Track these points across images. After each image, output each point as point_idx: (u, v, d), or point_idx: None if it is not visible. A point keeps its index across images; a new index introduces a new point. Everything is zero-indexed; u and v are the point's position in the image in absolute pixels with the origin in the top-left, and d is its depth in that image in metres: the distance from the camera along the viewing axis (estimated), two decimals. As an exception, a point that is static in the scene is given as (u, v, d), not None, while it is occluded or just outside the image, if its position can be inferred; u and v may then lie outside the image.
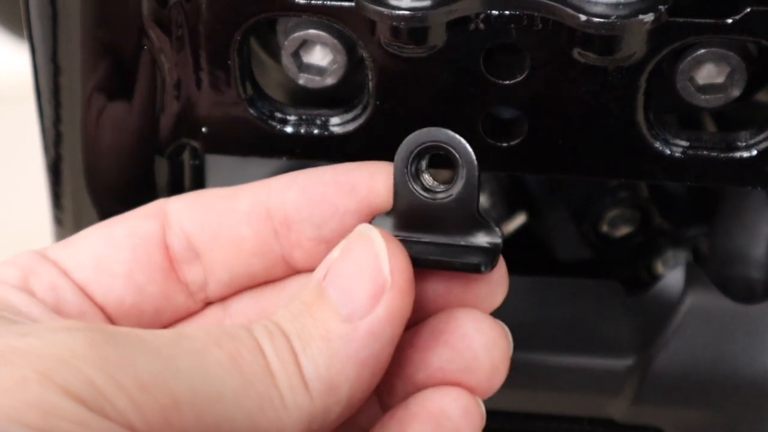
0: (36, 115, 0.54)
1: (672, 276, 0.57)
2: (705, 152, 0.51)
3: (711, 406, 0.56)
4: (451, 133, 0.47)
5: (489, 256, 0.47)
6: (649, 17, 0.46)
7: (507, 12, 0.48)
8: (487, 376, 0.46)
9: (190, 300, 0.50)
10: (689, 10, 0.47)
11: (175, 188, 0.56)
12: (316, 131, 0.53)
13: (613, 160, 0.51)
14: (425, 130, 0.47)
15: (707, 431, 0.57)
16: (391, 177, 0.48)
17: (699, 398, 0.56)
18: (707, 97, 0.50)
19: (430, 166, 0.48)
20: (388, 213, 0.48)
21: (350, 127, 0.52)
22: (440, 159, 0.47)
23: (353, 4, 0.48)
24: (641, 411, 0.57)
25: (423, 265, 0.47)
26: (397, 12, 0.47)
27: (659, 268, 0.68)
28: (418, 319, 0.48)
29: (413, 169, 0.48)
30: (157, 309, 0.50)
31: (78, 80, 0.52)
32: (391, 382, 0.48)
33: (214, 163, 0.63)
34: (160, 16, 0.51)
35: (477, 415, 0.46)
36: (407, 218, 0.48)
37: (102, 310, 0.49)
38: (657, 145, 0.51)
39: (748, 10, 0.47)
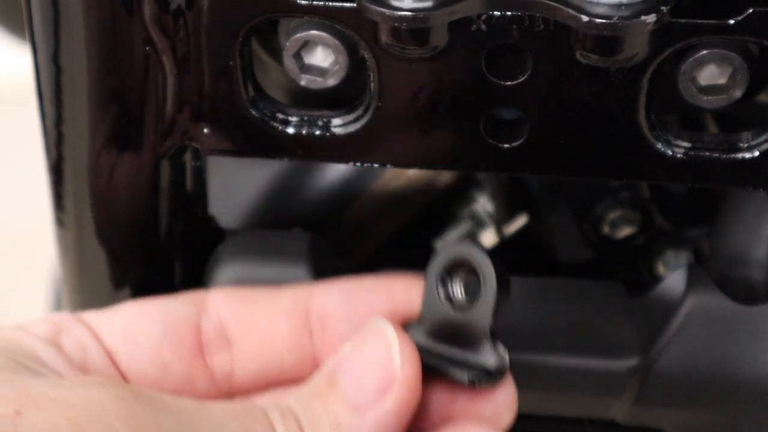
0: (38, 115, 0.54)
1: (673, 277, 0.57)
2: (707, 153, 0.51)
3: (713, 407, 0.56)
4: (481, 252, 0.49)
5: (483, 374, 0.48)
6: (651, 18, 0.46)
7: (509, 13, 0.48)
8: None
9: (213, 388, 0.51)
10: (691, 11, 0.47)
11: (177, 189, 0.56)
12: (317, 132, 0.53)
13: (614, 161, 0.51)
14: (459, 247, 0.49)
15: (709, 432, 0.57)
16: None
17: (701, 399, 0.56)
18: (709, 98, 0.50)
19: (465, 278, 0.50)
20: (418, 322, 0.50)
21: (352, 128, 0.52)
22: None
23: (355, 5, 0.48)
24: (643, 412, 0.57)
25: (425, 370, 0.48)
26: (399, 13, 0.47)
27: (660, 269, 0.68)
28: (425, 428, 0.49)
29: (442, 281, 0.50)
30: (178, 390, 0.51)
31: (79, 81, 0.52)
32: None
33: (216, 164, 0.63)
34: (162, 17, 0.51)
35: None
36: (432, 328, 0.50)
37: (125, 378, 0.50)
38: (659, 146, 0.51)
39: (751, 11, 0.47)
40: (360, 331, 0.48)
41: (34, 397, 0.42)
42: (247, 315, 0.52)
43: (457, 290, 0.50)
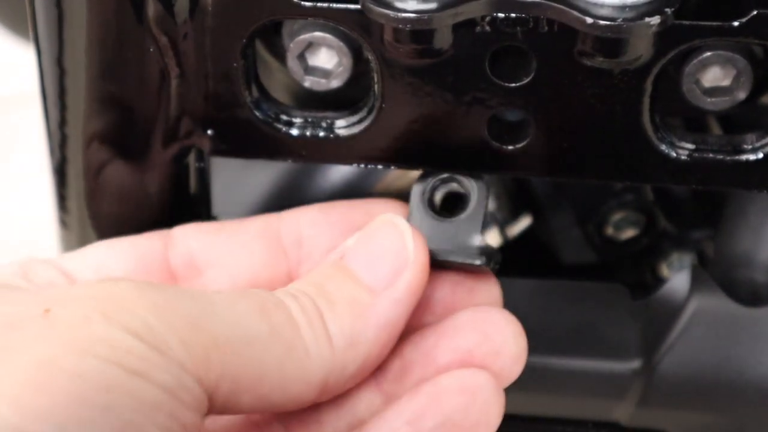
0: (41, 116, 0.54)
1: (677, 279, 0.57)
2: (711, 155, 0.51)
3: (716, 409, 0.56)
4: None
5: (487, 256, 0.50)
6: (655, 20, 0.46)
7: (513, 14, 0.48)
8: (512, 361, 0.49)
9: None
10: (695, 13, 0.47)
11: (180, 190, 0.56)
12: (321, 134, 0.53)
13: (618, 163, 0.51)
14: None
15: (712, 435, 0.57)
16: (403, 211, 0.52)
17: (704, 401, 0.56)
18: (713, 99, 0.50)
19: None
20: None
21: (356, 129, 0.52)
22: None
23: (358, 6, 0.48)
24: (647, 414, 0.57)
25: (432, 257, 0.50)
26: (403, 15, 0.47)
27: (664, 271, 0.68)
28: (429, 321, 0.50)
29: (431, 191, 0.52)
30: None
31: (83, 82, 0.52)
32: (405, 369, 0.50)
33: (218, 165, 0.63)
34: (166, 19, 0.51)
35: (501, 399, 0.49)
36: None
37: None
38: (663, 148, 0.51)
39: (755, 12, 0.47)
40: (367, 226, 0.50)
41: (59, 296, 0.43)
42: (216, 242, 0.53)
43: (440, 203, 0.52)
